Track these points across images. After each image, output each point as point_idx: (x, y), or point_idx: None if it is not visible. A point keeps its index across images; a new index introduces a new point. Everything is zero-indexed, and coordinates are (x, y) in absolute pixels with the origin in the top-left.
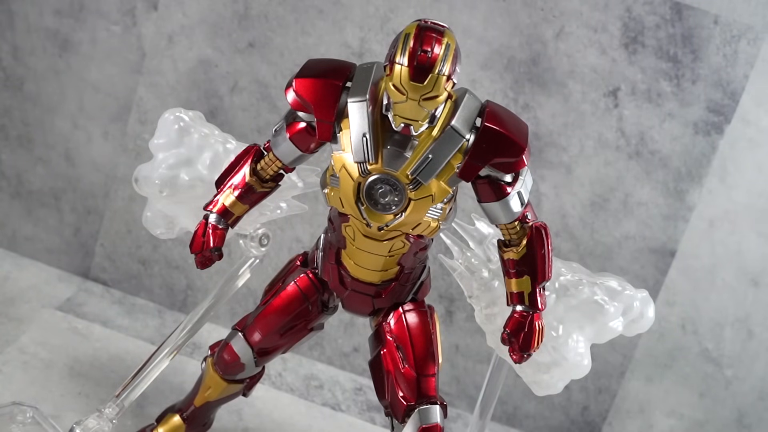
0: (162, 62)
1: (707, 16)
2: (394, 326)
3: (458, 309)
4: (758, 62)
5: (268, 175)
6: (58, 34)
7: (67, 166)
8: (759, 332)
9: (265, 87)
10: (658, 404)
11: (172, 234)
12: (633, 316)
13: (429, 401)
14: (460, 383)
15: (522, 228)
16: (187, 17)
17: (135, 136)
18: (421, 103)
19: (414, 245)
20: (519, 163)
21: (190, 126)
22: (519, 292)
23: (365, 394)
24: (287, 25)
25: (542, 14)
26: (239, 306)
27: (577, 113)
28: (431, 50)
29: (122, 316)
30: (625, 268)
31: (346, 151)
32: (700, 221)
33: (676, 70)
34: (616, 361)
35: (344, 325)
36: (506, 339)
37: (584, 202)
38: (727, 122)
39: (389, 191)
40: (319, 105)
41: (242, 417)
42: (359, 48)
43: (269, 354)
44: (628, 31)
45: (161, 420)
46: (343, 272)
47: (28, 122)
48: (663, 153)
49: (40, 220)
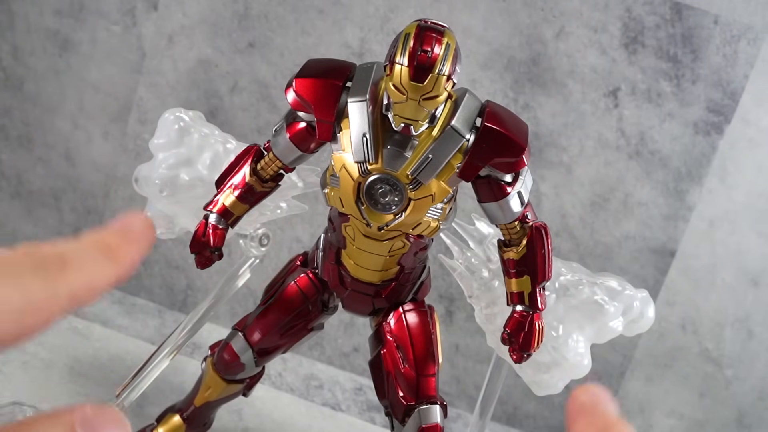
0: (162, 62)
1: (707, 16)
2: (394, 326)
3: (458, 309)
4: (758, 62)
5: (268, 175)
6: (58, 34)
7: (67, 166)
8: (759, 332)
9: (265, 87)
10: (658, 404)
11: (172, 234)
12: (633, 316)
13: (429, 401)
14: (460, 383)
15: (522, 228)
16: (187, 17)
17: (135, 136)
18: (421, 103)
19: (414, 245)
20: (519, 163)
21: (190, 126)
22: (519, 292)
23: (365, 394)
24: (287, 25)
25: (542, 14)
26: (239, 306)
27: (577, 113)
28: (431, 50)
29: (122, 316)
30: (625, 268)
31: (346, 151)
32: (700, 221)
33: (676, 70)
34: (616, 361)
35: (344, 325)
36: (506, 339)
37: (584, 202)
38: (727, 122)
39: (389, 191)
40: (319, 105)
41: (242, 417)
42: (359, 48)
43: (269, 354)
44: (628, 31)
45: (161, 420)
46: (343, 272)
47: (28, 122)
48: (663, 153)
49: (40, 220)
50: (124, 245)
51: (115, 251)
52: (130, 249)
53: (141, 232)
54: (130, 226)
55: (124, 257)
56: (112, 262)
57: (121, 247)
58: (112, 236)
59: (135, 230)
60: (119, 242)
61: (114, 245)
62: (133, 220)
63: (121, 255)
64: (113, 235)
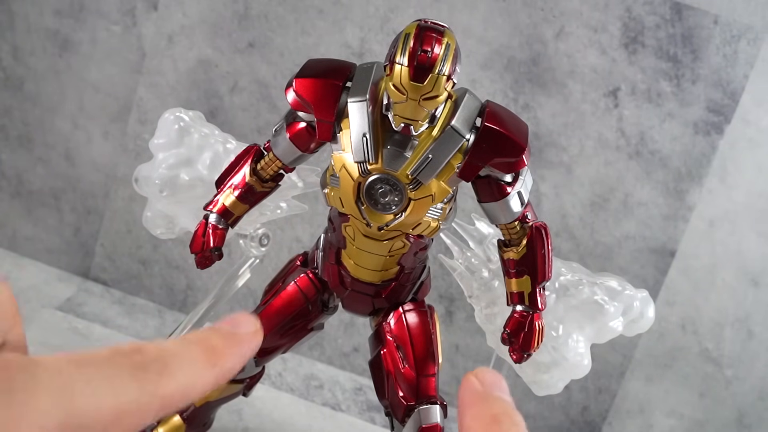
0: (162, 62)
1: (707, 16)
2: (394, 326)
3: (458, 309)
4: (758, 62)
5: (268, 175)
6: (58, 34)
7: (67, 166)
8: (759, 332)
9: (265, 87)
10: (658, 404)
11: (172, 234)
12: (633, 316)
13: (429, 401)
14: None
15: (522, 228)
16: (187, 17)
17: (135, 136)
18: (421, 103)
19: (414, 245)
20: (519, 163)
21: (190, 126)
22: (519, 292)
23: (365, 394)
24: (287, 25)
25: (542, 14)
26: (239, 306)
27: (577, 113)
28: (431, 50)
29: (122, 316)
30: (625, 268)
31: (346, 151)
32: (700, 221)
33: (676, 70)
34: (616, 361)
35: (344, 325)
36: (506, 339)
37: (584, 202)
38: (727, 122)
39: (389, 191)
40: (319, 105)
41: (242, 417)
42: (359, 48)
43: (269, 354)
44: (628, 31)
45: (161, 420)
46: (343, 272)
47: (28, 122)
48: (663, 153)
49: (40, 220)
50: (229, 349)
51: (219, 356)
52: (234, 353)
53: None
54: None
55: (226, 362)
56: (213, 368)
57: (225, 351)
58: (219, 339)
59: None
60: (224, 346)
61: (219, 349)
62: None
63: (223, 360)
64: (220, 337)
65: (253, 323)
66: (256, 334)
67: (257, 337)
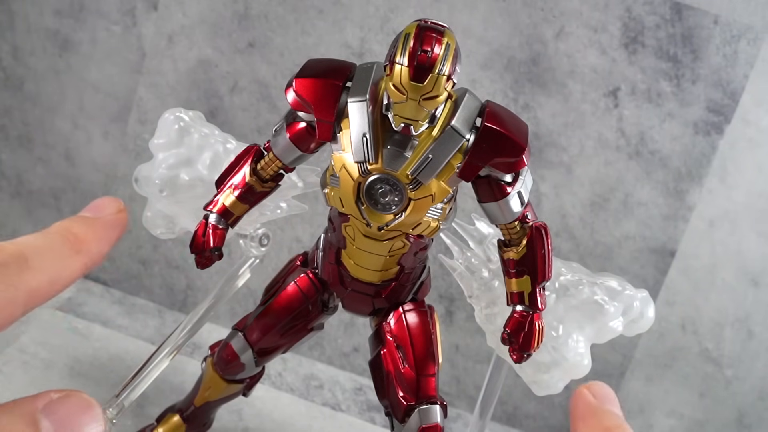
0: (162, 62)
1: (707, 16)
2: (394, 326)
3: (458, 309)
4: (758, 62)
5: (268, 175)
6: (58, 34)
7: (67, 166)
8: (759, 332)
9: (265, 87)
10: (658, 404)
11: (172, 234)
12: (633, 316)
13: (429, 401)
14: (460, 383)
15: (522, 228)
16: (187, 17)
17: (135, 136)
18: (421, 103)
19: (414, 245)
20: (519, 163)
21: (190, 126)
22: (519, 291)
23: (365, 394)
24: (287, 25)
25: (542, 14)
26: (239, 306)
27: (577, 113)
28: (431, 50)
29: (122, 316)
30: (625, 268)
31: (346, 151)
32: (700, 221)
33: (676, 70)
34: (616, 361)
35: (344, 325)
36: (506, 339)
37: (584, 202)
38: (727, 122)
39: (389, 191)
40: (319, 105)
41: (242, 417)
42: (359, 48)
43: (269, 354)
44: (628, 31)
45: (161, 420)
46: (343, 272)
47: (28, 122)
48: (663, 153)
49: (40, 220)
50: (91, 234)
51: (81, 241)
52: (98, 237)
53: (111, 217)
54: (100, 211)
55: (91, 247)
56: (78, 254)
57: (88, 236)
58: (80, 225)
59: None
60: (86, 231)
61: (81, 235)
62: (103, 204)
63: (88, 245)
64: (80, 223)
65: (116, 205)
66: (120, 214)
67: (121, 217)
